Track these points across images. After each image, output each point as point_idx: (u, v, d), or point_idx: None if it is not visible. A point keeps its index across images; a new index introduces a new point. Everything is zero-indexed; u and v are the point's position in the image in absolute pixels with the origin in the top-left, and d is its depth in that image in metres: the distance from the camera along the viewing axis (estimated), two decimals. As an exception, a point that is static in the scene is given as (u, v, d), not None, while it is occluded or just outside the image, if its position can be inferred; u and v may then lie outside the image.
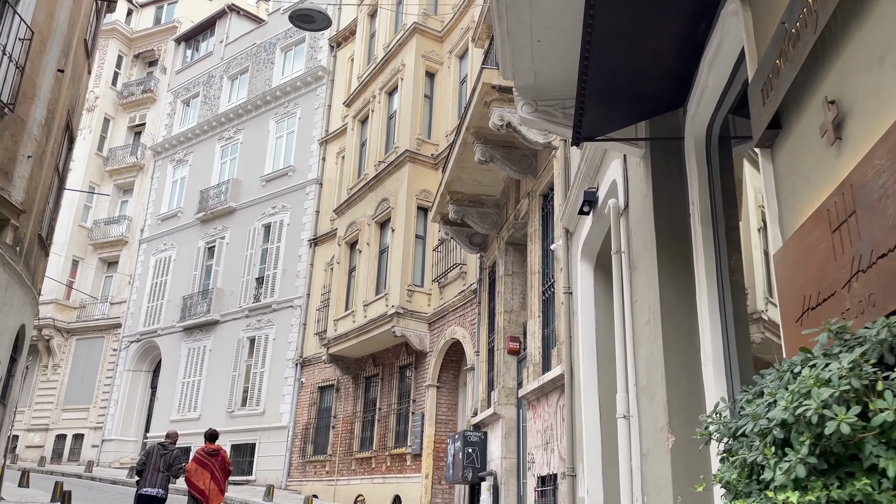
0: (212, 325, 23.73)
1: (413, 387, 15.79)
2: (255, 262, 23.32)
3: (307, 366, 20.40)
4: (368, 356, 17.88)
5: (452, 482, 12.21)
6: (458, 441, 11.77)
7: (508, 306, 11.27)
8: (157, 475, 9.43)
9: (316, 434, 19.24)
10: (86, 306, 28.60)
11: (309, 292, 21.14)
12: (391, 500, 15.62)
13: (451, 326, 14.49)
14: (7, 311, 10.32)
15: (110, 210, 30.04)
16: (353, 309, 17.24)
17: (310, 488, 18.70)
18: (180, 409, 23.59)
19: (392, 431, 16.24)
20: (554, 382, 8.15)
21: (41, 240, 11.66)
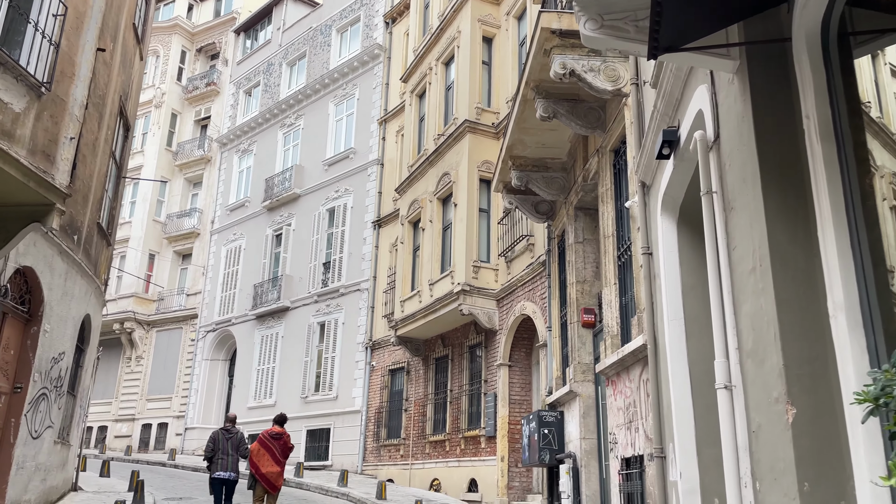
0: (282, 311, 23.76)
1: (484, 366, 15.17)
2: (321, 247, 23.16)
3: (377, 349, 20.09)
4: (437, 337, 17.37)
5: (529, 465, 11.54)
6: (533, 421, 11.07)
7: (580, 276, 10.45)
8: (227, 459, 9.83)
9: (389, 417, 18.92)
10: (164, 298, 29.27)
11: (375, 275, 20.79)
12: (467, 483, 15.10)
13: (520, 302, 13.76)
14: (68, 301, 10.23)
15: (182, 203, 30.59)
16: (419, 289, 16.73)
17: (385, 473, 18.41)
18: (256, 396, 23.78)
19: (465, 413, 15.69)
20: (635, 355, 7.34)
21: (101, 229, 11.57)
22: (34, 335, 9.27)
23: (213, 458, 9.83)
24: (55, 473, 10.50)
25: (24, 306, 9.15)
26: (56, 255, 9.61)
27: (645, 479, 7.15)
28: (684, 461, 5.74)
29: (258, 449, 9.94)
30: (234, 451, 9.93)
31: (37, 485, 9.66)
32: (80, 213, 10.43)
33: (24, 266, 8.83)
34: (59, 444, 10.60)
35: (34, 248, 8.91)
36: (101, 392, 29.72)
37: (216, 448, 9.89)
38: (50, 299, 9.52)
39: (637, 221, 7.45)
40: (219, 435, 10.08)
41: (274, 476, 9.85)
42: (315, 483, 16.21)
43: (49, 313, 9.53)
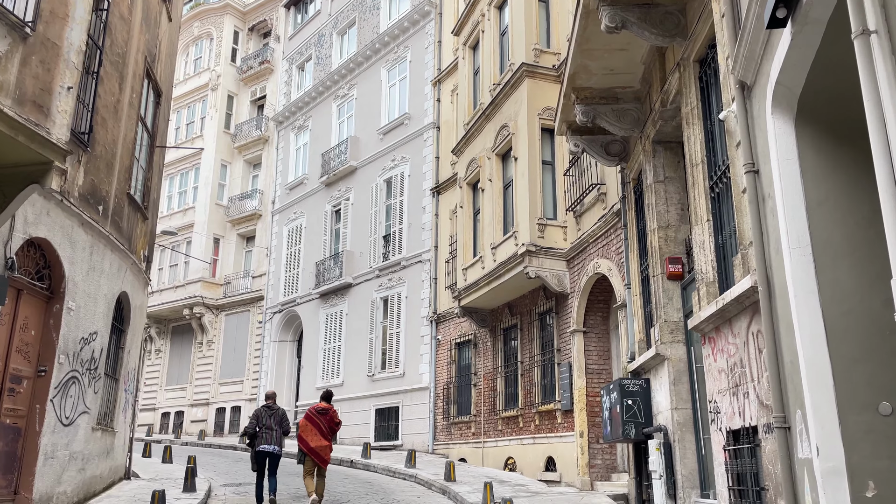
0: (345, 288, 22.97)
1: (556, 334, 13.79)
2: (380, 220, 22.17)
3: (442, 322, 18.97)
4: (504, 306, 16.07)
5: (611, 441, 10.16)
6: (614, 392, 9.67)
7: (663, 221, 8.93)
8: (271, 434, 10.06)
9: (458, 394, 17.81)
10: (230, 282, 29.07)
11: (436, 244, 19.63)
12: (543, 462, 13.83)
13: (593, 260, 12.29)
14: (96, 277, 9.46)
15: (243, 185, 30.26)
16: (482, 254, 15.44)
17: (457, 452, 17.35)
18: (324, 375, 23.15)
19: (538, 386, 14.38)
20: (740, 302, 5.85)
21: (132, 200, 10.78)
22: (57, 313, 8.51)
23: (255, 433, 10.08)
24: (97, 462, 9.84)
25: (42, 282, 8.38)
26: (76, 227, 8.81)
27: (761, 456, 5.70)
28: (821, 433, 4.28)
29: (305, 424, 10.22)
30: (278, 426, 10.19)
31: (73, 475, 8.97)
32: (104, 182, 9.62)
33: (38, 237, 8.04)
34: (100, 430, 9.92)
35: (47, 218, 8.10)
36: (176, 377, 29.97)
37: (259, 424, 10.13)
38: (72, 274, 8.73)
39: (736, 136, 5.94)
40: (261, 412, 10.34)
41: (323, 450, 10.09)
42: (382, 464, 15.29)
43: (73, 290, 8.76)
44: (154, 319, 30.48)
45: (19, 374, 7.96)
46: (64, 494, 8.72)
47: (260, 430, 10.09)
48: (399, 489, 12.46)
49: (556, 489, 12.09)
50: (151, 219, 12.44)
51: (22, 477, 7.95)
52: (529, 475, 14.08)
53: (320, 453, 10.06)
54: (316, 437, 10.10)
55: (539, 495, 11.00)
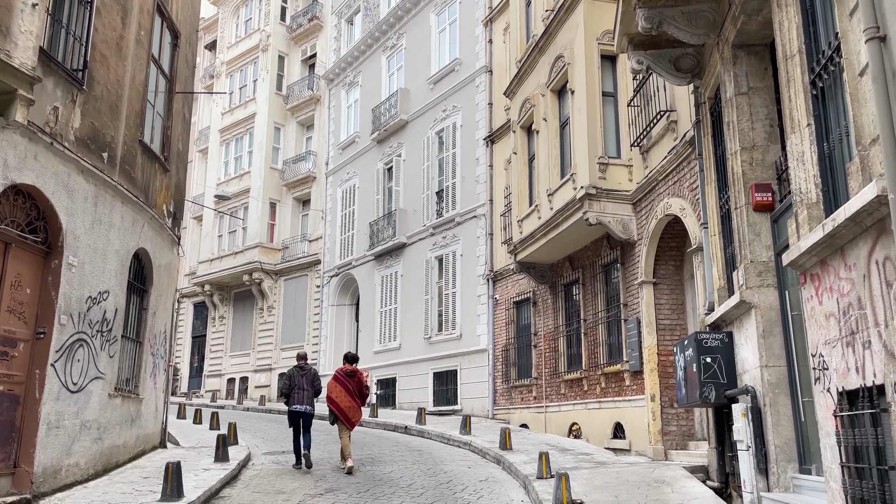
0: (399, 249, 21.99)
1: (622, 288, 12.34)
2: (432, 175, 20.97)
3: (499, 280, 17.72)
4: (564, 259, 14.67)
5: (687, 405, 8.75)
6: (689, 349, 8.25)
7: (747, 141, 7.36)
8: (302, 394, 10.36)
9: (517, 355, 16.61)
10: (288, 247, 28.60)
11: (491, 198, 18.30)
12: (611, 428, 12.52)
13: (662, 200, 10.75)
14: (104, 230, 8.63)
15: (297, 148, 29.57)
16: (537, 203, 14.05)
17: (518, 417, 16.22)
18: (381, 339, 22.37)
19: (602, 345, 13.00)
20: (857, 221, 4.38)
21: (147, 149, 9.91)
22: (56, 270, 7.71)
23: (290, 393, 10.40)
24: (118, 431, 9.14)
25: (36, 235, 7.58)
26: (75, 174, 7.95)
27: (888, 425, 4.26)
28: None
29: (334, 385, 10.44)
30: (310, 386, 10.45)
31: (87, 445, 8.27)
32: (108, 126, 8.73)
33: (25, 185, 7.20)
34: (120, 397, 9.20)
35: (35, 163, 7.24)
36: (240, 343, 29.91)
37: (292, 384, 10.44)
38: (72, 227, 7.90)
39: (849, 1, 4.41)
40: (294, 372, 10.59)
41: (350, 410, 10.30)
42: (437, 431, 14.31)
43: (73, 244, 7.94)
44: (216, 286, 30.46)
45: (12, 336, 7.20)
46: (76, 466, 8.03)
47: (292, 390, 10.44)
48: (450, 458, 11.42)
49: (624, 459, 10.79)
50: (177, 172, 11.61)
51: (22, 449, 7.25)
52: (595, 443, 12.82)
53: (348, 414, 10.31)
54: (346, 398, 10.34)
55: (604, 466, 9.73)
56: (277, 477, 9.68)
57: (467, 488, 8.82)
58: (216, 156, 31.77)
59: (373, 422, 16.95)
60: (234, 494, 8.55)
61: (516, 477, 9.49)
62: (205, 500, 8.00)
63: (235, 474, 9.58)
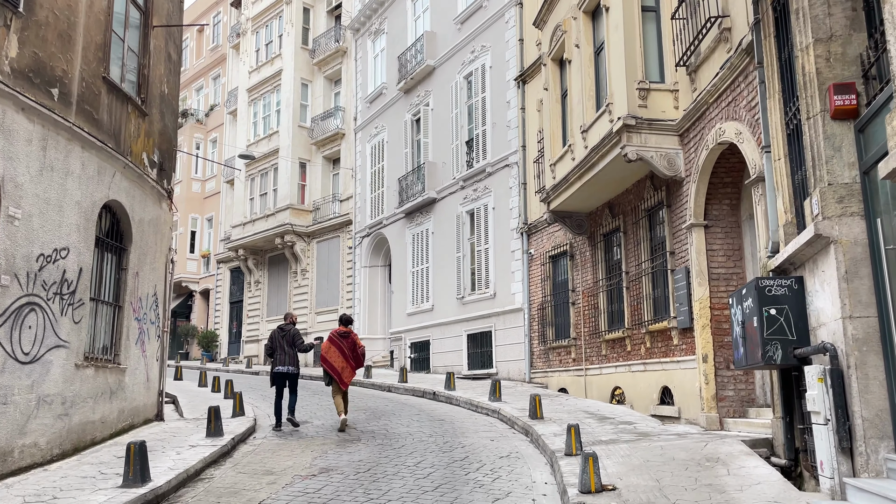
0: (429, 204, 20.65)
1: (668, 233, 10.76)
2: (461, 123, 19.45)
3: (533, 234, 16.25)
4: (603, 206, 13.11)
5: (746, 366, 7.27)
6: (749, 298, 6.74)
7: (822, 30, 5.71)
8: (284, 354, 10.40)
9: (554, 314, 15.20)
10: (319, 207, 27.57)
11: (524, 144, 16.72)
12: (657, 393, 11.08)
13: (714, 126, 9.08)
14: (60, 179, 7.53)
15: (325, 104, 28.32)
16: (571, 143, 12.48)
17: (556, 381, 14.88)
18: (414, 300, 21.21)
19: (647, 300, 11.49)
20: None
21: (114, 87, 8.73)
22: (-8, 223, 6.64)
23: (273, 355, 10.47)
24: (91, 405, 8.17)
25: (-36, 183, 6.50)
26: (12, 112, 6.82)
27: None
28: None
29: (329, 347, 10.49)
30: (291, 346, 10.46)
31: (47, 423, 7.30)
32: (58, 59, 7.56)
33: (-59, 122, 6.09)
34: (93, 367, 8.21)
35: (-49, 95, 6.11)
36: (276, 308, 29.25)
37: (274, 346, 10.50)
38: (12, 173, 6.81)
39: None
40: (275, 334, 10.64)
41: (344, 371, 10.35)
42: (465, 397, 13.10)
43: (15, 193, 6.85)
44: (250, 251, 29.78)
45: (-62, 299, 6.18)
46: (34, 447, 7.07)
47: (275, 351, 10.48)
48: (474, 429, 10.20)
49: (672, 428, 9.36)
50: (162, 118, 10.45)
51: (-42, 429, 6.27)
52: (641, 409, 11.41)
53: (342, 374, 10.34)
54: (339, 359, 10.36)
55: (647, 439, 8.34)
56: (274, 453, 8.62)
57: (484, 466, 7.57)
58: (245, 117, 30.79)
59: (401, 387, 15.88)
60: (216, 475, 7.50)
61: (544, 452, 8.20)
62: (178, 483, 6.95)
63: (227, 451, 8.55)
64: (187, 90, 38.27)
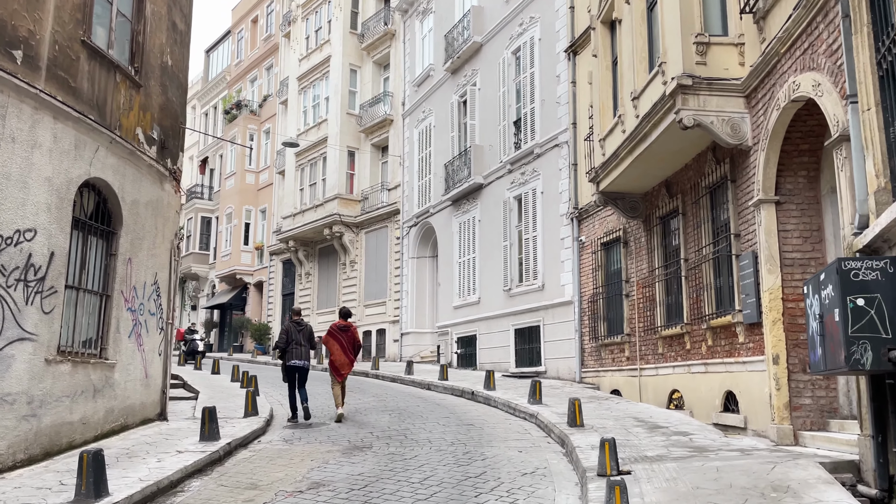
0: (476, 190, 19.46)
1: (733, 212, 9.25)
2: (509, 103, 18.15)
3: (585, 219, 14.84)
4: (659, 186, 11.64)
5: (826, 371, 5.82)
6: (829, 286, 5.30)
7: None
8: (300, 349, 10.66)
9: (607, 307, 13.78)
10: (368, 197, 26.75)
11: (574, 121, 15.31)
12: (720, 398, 9.59)
13: (787, 80, 7.55)
14: (24, 152, 6.74)
15: (374, 89, 27.45)
16: (621, 113, 11.06)
17: (608, 381, 13.48)
18: (460, 293, 20.08)
19: (708, 290, 10.00)
20: None
21: (96, 53, 7.90)
22: (-67, 199, 5.87)
23: (286, 348, 10.67)
24: (68, 405, 7.38)
25: None
26: (-42, 74, 6.02)
27: None
28: None
29: (328, 340, 10.78)
30: (306, 342, 10.75)
31: (9, 425, 6.53)
32: (21, 17, 6.76)
33: None
34: (69, 362, 7.42)
35: None
36: (325, 300, 28.69)
37: (289, 339, 10.67)
38: (-43, 143, 6.02)
39: None
40: (291, 327, 10.80)
41: (342, 365, 10.64)
42: (504, 398, 11.89)
43: (-38, 166, 6.06)
44: (300, 242, 29.31)
45: None
46: (-10, 452, 6.28)
47: (289, 345, 10.65)
48: (504, 436, 8.99)
49: (735, 441, 7.91)
50: (163, 91, 9.63)
51: None
52: (701, 416, 9.95)
53: (339, 367, 10.61)
54: (338, 352, 10.61)
55: (702, 455, 6.95)
56: (270, 461, 7.65)
57: (501, 486, 6.37)
58: (295, 106, 30.29)
59: (441, 385, 14.78)
60: (193, 488, 6.57)
61: (576, 469, 6.93)
62: (143, 498, 6.04)
63: (218, 458, 7.63)
64: (242, 82, 38.21)
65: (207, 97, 42.16)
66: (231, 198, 35.41)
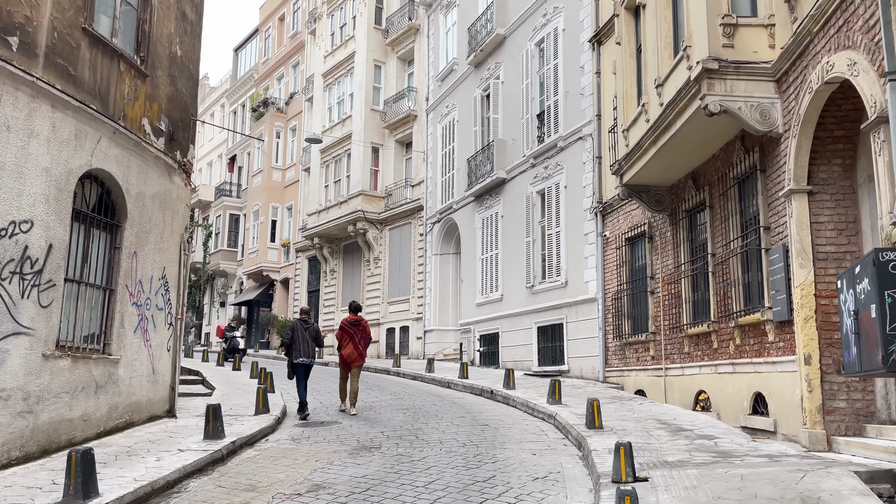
0: (499, 185, 19.08)
1: (762, 204, 8.75)
2: (532, 95, 17.73)
3: (609, 213, 14.37)
4: (685, 178, 11.15)
5: (861, 373, 5.36)
6: (864, 279, 4.86)
7: None
8: (306, 346, 10.90)
9: (631, 304, 13.31)
10: (391, 193, 26.51)
11: (598, 113, 14.84)
12: (749, 400, 9.10)
13: (820, 61, 7.06)
14: (19, 141, 6.57)
15: (398, 85, 27.20)
16: (645, 101, 10.60)
17: (633, 381, 13.02)
18: (483, 290, 19.72)
19: (736, 286, 9.50)
20: None
21: (98, 41, 7.72)
22: (-78, 189, 5.71)
23: (291, 345, 10.96)
24: (67, 401, 7.21)
25: None
26: (-51, 61, 5.86)
27: None
28: None
29: (342, 335, 11.14)
30: (312, 339, 11.00)
31: (4, 421, 6.37)
32: (17, 3, 6.58)
33: None
34: (69, 358, 7.25)
35: None
36: (350, 298, 28.42)
37: (295, 337, 10.94)
38: (-52, 132, 5.85)
39: None
40: (297, 325, 11.08)
41: (353, 358, 10.98)
42: (522, 398, 11.51)
43: (-47, 155, 5.90)
44: (325, 239, 29.21)
45: None
46: (-18, 449, 6.12)
47: (295, 342, 10.91)
48: (520, 437, 8.63)
49: (763, 447, 7.44)
50: (172, 82, 9.45)
51: None
52: (729, 418, 9.47)
53: (350, 361, 10.97)
54: (351, 347, 10.95)
55: (726, 461, 6.51)
56: (274, 461, 7.40)
57: (509, 491, 6.02)
58: (320, 102, 30.19)
59: (460, 383, 14.45)
60: (191, 489, 6.35)
61: (591, 473, 6.54)
62: (136, 499, 5.82)
63: (220, 457, 7.40)
64: (269, 79, 38.29)
65: (236, 95, 42.37)
66: (258, 195, 35.50)
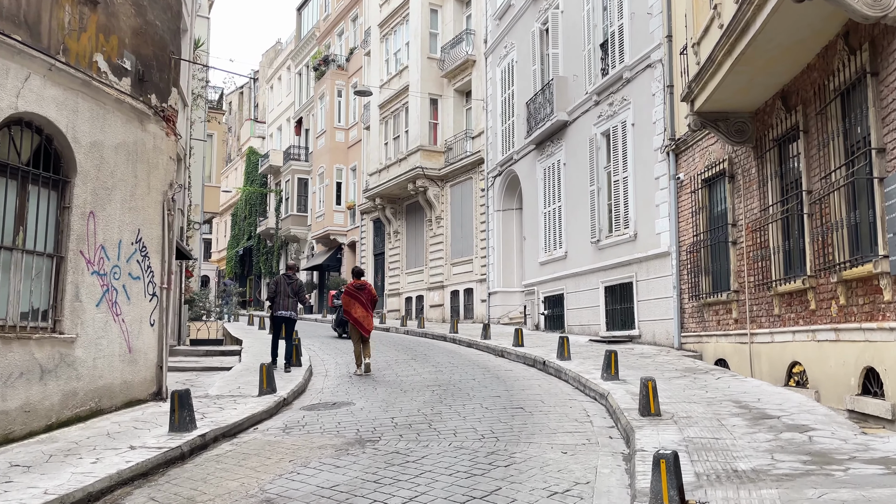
0: (560, 129, 17.06)
1: (874, 119, 6.56)
2: (595, 22, 15.51)
3: (683, 152, 12.21)
4: (773, 98, 8.94)
5: None
6: None
7: None
8: (287, 300, 11.32)
9: (710, 258, 11.22)
10: (452, 147, 24.82)
11: (669, 33, 12.57)
12: (857, 376, 7.05)
13: None
14: None
15: (455, 28, 25.25)
16: (717, 1, 8.43)
17: (713, 348, 11.02)
18: (546, 247, 17.88)
19: (840, 230, 7.37)
20: None
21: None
22: None
23: (275, 298, 11.23)
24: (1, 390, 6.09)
25: None
26: None
27: None
28: None
29: (349, 300, 11.16)
30: (294, 294, 11.33)
31: None
32: None
33: None
34: (15, 339, 6.10)
35: None
36: (414, 260, 27.31)
37: (278, 290, 11.23)
38: None
39: None
40: (281, 279, 11.40)
41: (364, 319, 10.93)
42: (575, 371, 9.76)
43: None
44: (387, 199, 27.98)
45: None
46: None
47: (278, 296, 11.18)
48: (555, 426, 6.96)
49: (876, 442, 5.48)
50: (141, 12, 8.08)
51: None
52: (831, 398, 7.46)
53: (363, 322, 10.90)
54: (360, 310, 10.97)
55: (821, 469, 4.63)
56: (240, 462, 6.06)
57: (510, 515, 4.41)
58: (378, 55, 28.68)
59: (514, 353, 12.85)
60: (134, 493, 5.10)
61: (631, 487, 4.83)
62: None
63: (180, 455, 6.13)
64: (330, 36, 37.04)
65: (300, 56, 41.42)
66: (322, 157, 34.61)
